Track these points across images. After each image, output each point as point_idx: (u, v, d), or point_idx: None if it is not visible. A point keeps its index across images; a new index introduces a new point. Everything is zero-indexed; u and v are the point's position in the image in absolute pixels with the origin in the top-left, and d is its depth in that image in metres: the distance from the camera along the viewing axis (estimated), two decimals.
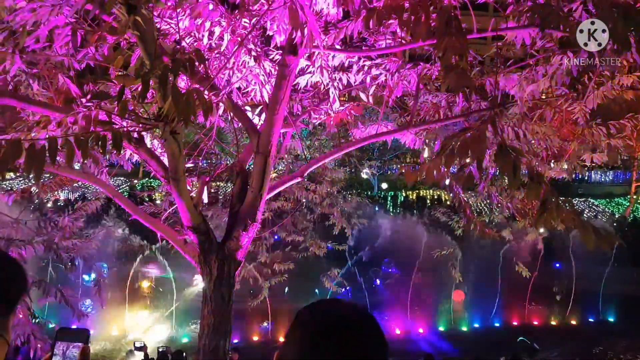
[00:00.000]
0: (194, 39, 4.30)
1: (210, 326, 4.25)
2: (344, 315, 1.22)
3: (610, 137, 5.21)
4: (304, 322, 1.23)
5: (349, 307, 1.27)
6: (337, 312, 1.24)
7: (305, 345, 1.17)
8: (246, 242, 4.42)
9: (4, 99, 2.97)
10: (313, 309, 1.27)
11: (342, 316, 1.22)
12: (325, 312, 1.26)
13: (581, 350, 16.76)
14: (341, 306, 1.28)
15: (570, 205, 2.39)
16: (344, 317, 1.22)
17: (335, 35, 4.07)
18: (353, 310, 1.25)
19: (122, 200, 4.69)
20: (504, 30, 3.59)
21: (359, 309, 1.27)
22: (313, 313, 1.25)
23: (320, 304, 1.30)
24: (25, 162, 2.12)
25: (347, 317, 1.22)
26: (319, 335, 1.16)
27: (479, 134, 2.59)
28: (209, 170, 7.12)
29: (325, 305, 1.31)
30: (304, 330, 1.21)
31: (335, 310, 1.27)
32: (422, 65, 5.10)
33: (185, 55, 2.54)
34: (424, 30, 2.62)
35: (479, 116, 4.12)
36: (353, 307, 1.27)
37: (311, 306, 1.28)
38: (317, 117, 5.89)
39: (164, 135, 3.19)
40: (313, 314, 1.25)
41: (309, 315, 1.24)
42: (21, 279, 1.23)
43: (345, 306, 1.28)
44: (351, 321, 1.21)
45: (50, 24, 3.02)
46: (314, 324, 1.21)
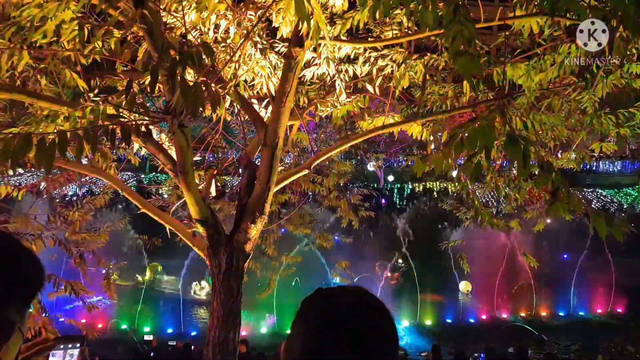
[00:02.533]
0: (199, 33, 4.30)
1: (219, 318, 4.27)
2: (349, 305, 1.16)
3: (619, 127, 5.16)
4: (308, 312, 1.18)
5: (356, 295, 1.20)
6: (342, 302, 1.17)
7: (310, 337, 1.12)
8: (254, 235, 4.44)
9: (14, 94, 2.99)
10: (317, 299, 1.21)
11: (347, 306, 1.16)
12: (329, 302, 1.19)
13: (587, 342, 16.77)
14: (347, 295, 1.21)
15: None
16: (348, 307, 1.16)
17: (341, 27, 4.05)
18: (359, 299, 1.19)
19: (131, 195, 4.71)
20: (512, 18, 3.55)
21: (367, 298, 1.20)
22: (317, 303, 1.20)
23: (324, 293, 1.23)
24: (36, 156, 2.13)
25: (352, 306, 1.16)
26: (323, 326, 1.12)
27: (487, 123, 2.58)
28: (216, 163, 7.14)
29: (330, 295, 1.22)
30: (307, 321, 1.16)
31: (340, 299, 1.19)
32: (428, 55, 5.08)
33: (192, 48, 2.54)
34: (431, 20, 2.60)
35: (487, 106, 4.10)
36: (360, 295, 1.21)
37: (315, 295, 1.22)
38: (324, 109, 5.87)
39: (172, 129, 3.20)
40: (317, 303, 1.20)
41: (313, 305, 1.20)
42: (40, 274, 1.25)
43: (352, 295, 1.21)
44: (356, 311, 1.15)
45: (57, 18, 3.03)
46: (318, 314, 1.15)
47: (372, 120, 5.91)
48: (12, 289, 1.15)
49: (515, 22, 3.72)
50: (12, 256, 1.19)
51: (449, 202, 9.13)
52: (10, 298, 1.15)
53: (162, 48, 2.57)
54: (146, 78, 2.37)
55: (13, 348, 1.18)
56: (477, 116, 2.88)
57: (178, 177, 3.87)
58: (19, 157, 2.08)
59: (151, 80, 2.17)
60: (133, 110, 2.73)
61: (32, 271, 1.23)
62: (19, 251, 1.23)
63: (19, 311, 1.19)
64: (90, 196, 6.97)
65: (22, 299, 1.20)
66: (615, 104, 5.51)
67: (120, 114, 3.02)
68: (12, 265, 1.17)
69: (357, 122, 6.25)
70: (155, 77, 2.18)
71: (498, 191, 5.73)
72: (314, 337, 1.12)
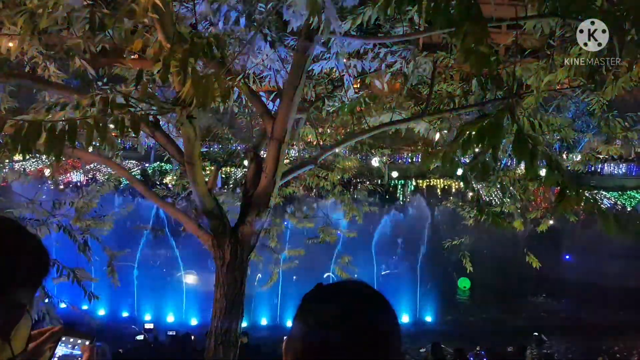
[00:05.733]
0: (209, 24, 4.29)
1: (222, 309, 4.30)
2: (349, 301, 1.14)
3: (627, 130, 5.15)
4: (308, 309, 1.16)
5: (356, 290, 1.19)
6: (343, 298, 1.16)
7: (311, 334, 1.11)
8: (259, 227, 4.45)
9: (24, 81, 3.00)
10: (317, 295, 1.19)
11: (348, 302, 1.14)
12: (329, 298, 1.17)
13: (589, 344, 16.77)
14: (348, 290, 1.20)
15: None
16: (349, 303, 1.14)
17: (352, 22, 4.04)
18: (360, 294, 1.18)
19: (137, 184, 4.74)
20: (524, 19, 3.54)
21: (368, 292, 1.18)
22: (317, 299, 1.18)
23: (325, 289, 1.21)
24: (46, 144, 2.14)
25: (353, 302, 1.14)
26: (324, 323, 1.10)
27: (496, 122, 2.57)
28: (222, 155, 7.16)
29: (331, 291, 1.20)
30: (308, 318, 1.13)
31: (341, 295, 1.18)
32: (438, 53, 5.06)
33: (203, 39, 2.54)
34: (444, 17, 2.60)
35: (495, 105, 4.09)
36: (361, 290, 1.19)
37: (315, 291, 1.20)
38: (331, 104, 5.87)
39: (181, 120, 3.21)
40: (317, 300, 1.18)
41: (313, 302, 1.17)
42: (46, 259, 1.27)
43: (352, 290, 1.19)
44: (357, 307, 1.12)
45: (68, 6, 3.03)
46: (318, 311, 1.13)
47: (379, 116, 5.91)
48: (21, 272, 1.18)
49: (526, 22, 3.70)
50: (19, 241, 1.22)
51: (453, 200, 9.11)
52: (19, 281, 1.18)
53: (174, 39, 2.57)
54: (157, 67, 2.37)
55: (23, 331, 1.20)
56: (486, 114, 2.87)
57: (185, 168, 3.88)
58: (29, 144, 2.10)
59: (163, 71, 2.18)
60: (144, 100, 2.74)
61: (39, 256, 1.25)
62: (26, 236, 1.25)
63: (28, 295, 1.21)
64: (95, 183, 7.00)
65: (31, 282, 1.22)
66: (623, 107, 5.49)
67: (129, 103, 3.02)
68: (20, 249, 1.20)
69: (364, 118, 6.25)
70: (167, 67, 2.19)
71: (503, 190, 5.72)
72: (315, 334, 1.10)
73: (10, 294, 1.15)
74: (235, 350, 4.39)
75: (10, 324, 1.15)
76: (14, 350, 1.16)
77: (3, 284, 1.13)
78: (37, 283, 1.26)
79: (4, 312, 1.13)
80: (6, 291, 1.14)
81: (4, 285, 1.13)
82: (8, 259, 1.15)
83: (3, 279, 1.13)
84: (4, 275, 1.13)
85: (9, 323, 1.15)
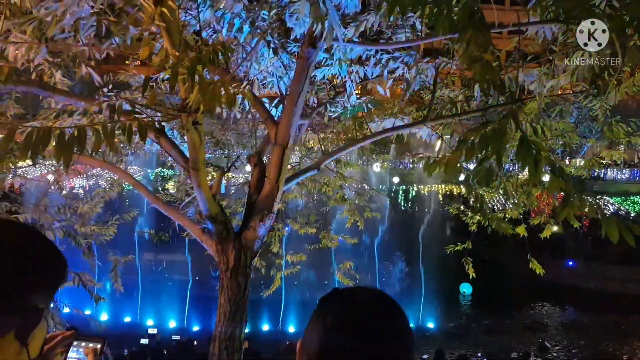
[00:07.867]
0: (213, 31, 4.33)
1: (226, 314, 4.31)
2: (366, 305, 1.17)
3: (630, 135, 5.16)
4: (326, 312, 1.17)
5: (372, 295, 1.21)
6: (360, 302, 1.18)
7: (327, 336, 1.12)
8: (263, 233, 4.47)
9: (33, 88, 3.03)
10: (334, 298, 1.21)
11: (364, 306, 1.16)
12: (346, 302, 1.19)
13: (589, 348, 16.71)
14: (364, 295, 1.22)
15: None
16: (366, 307, 1.16)
17: (355, 29, 4.07)
18: (376, 299, 1.20)
19: (142, 189, 4.76)
20: (526, 24, 3.56)
21: (383, 298, 1.21)
22: (334, 302, 1.20)
23: (341, 293, 1.23)
24: (56, 150, 2.17)
25: (369, 307, 1.16)
26: (341, 326, 1.12)
27: (500, 128, 2.59)
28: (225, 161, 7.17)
29: (347, 295, 1.23)
30: (325, 320, 1.15)
31: (358, 299, 1.20)
32: (440, 58, 5.08)
33: (209, 46, 2.57)
34: (446, 23, 2.62)
35: (497, 111, 4.11)
36: (377, 295, 1.21)
37: (332, 295, 1.22)
38: (334, 110, 5.90)
39: (186, 126, 3.24)
40: (334, 303, 1.19)
41: (330, 305, 1.19)
42: (64, 265, 1.29)
43: (368, 295, 1.21)
44: (374, 311, 1.15)
45: (75, 14, 3.07)
46: (336, 314, 1.15)
47: (381, 121, 5.93)
48: (39, 276, 1.19)
49: (529, 28, 3.72)
50: (38, 245, 1.24)
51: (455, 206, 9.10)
52: (37, 285, 1.19)
53: (180, 46, 2.60)
54: (166, 74, 2.40)
55: (39, 335, 1.22)
56: (489, 120, 2.89)
57: (189, 174, 3.91)
58: (39, 150, 2.13)
59: (171, 78, 2.21)
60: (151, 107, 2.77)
61: (57, 260, 1.27)
62: (44, 242, 1.27)
63: (45, 299, 1.23)
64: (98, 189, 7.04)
65: (49, 287, 1.24)
66: (626, 112, 5.50)
67: (135, 110, 3.06)
68: (39, 255, 1.22)
69: (366, 123, 6.27)
70: (175, 75, 2.21)
71: (507, 196, 5.73)
72: (332, 336, 1.12)
73: (28, 298, 1.16)
74: (239, 356, 4.40)
75: (28, 329, 1.17)
76: (30, 354, 1.18)
77: (22, 289, 1.15)
78: (54, 288, 1.27)
79: (23, 316, 1.15)
80: (25, 295, 1.15)
81: (23, 290, 1.15)
82: (28, 264, 1.17)
83: (22, 284, 1.15)
84: (23, 280, 1.15)
85: (27, 327, 1.17)
